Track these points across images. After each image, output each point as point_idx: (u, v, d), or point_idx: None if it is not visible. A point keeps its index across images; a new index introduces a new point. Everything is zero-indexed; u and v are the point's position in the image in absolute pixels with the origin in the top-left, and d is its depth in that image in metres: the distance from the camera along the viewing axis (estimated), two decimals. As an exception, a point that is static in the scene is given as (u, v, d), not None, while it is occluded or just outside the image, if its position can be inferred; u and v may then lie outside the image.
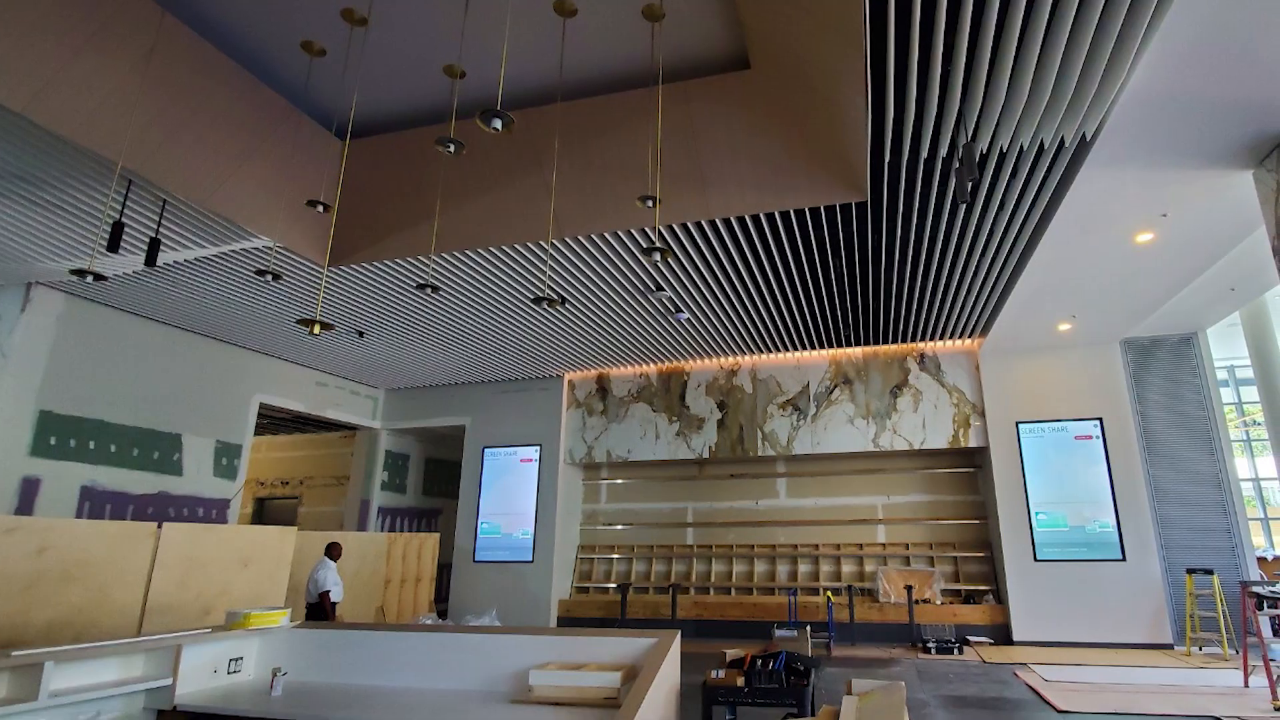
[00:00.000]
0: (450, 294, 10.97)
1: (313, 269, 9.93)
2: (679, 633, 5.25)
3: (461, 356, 14.49)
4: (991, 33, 5.43)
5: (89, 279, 6.74)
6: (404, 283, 10.52)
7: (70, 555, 7.63)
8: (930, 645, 11.89)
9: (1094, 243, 8.99)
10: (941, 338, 13.58)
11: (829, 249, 9.46)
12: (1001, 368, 13.61)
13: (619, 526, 16.29)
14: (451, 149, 5.43)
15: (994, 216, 8.49)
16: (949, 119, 6.62)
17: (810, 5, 6.12)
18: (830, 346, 14.13)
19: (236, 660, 5.58)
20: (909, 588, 12.99)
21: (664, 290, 10.75)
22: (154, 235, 8.32)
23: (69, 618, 7.52)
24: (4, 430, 9.96)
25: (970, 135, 6.75)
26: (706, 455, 14.90)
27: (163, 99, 7.41)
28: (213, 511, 12.79)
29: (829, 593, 13.25)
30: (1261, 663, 8.56)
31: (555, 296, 10.84)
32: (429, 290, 7.94)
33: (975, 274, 10.26)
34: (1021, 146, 6.97)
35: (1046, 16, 5.25)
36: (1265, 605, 8.80)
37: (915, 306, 11.73)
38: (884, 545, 14.49)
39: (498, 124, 5.11)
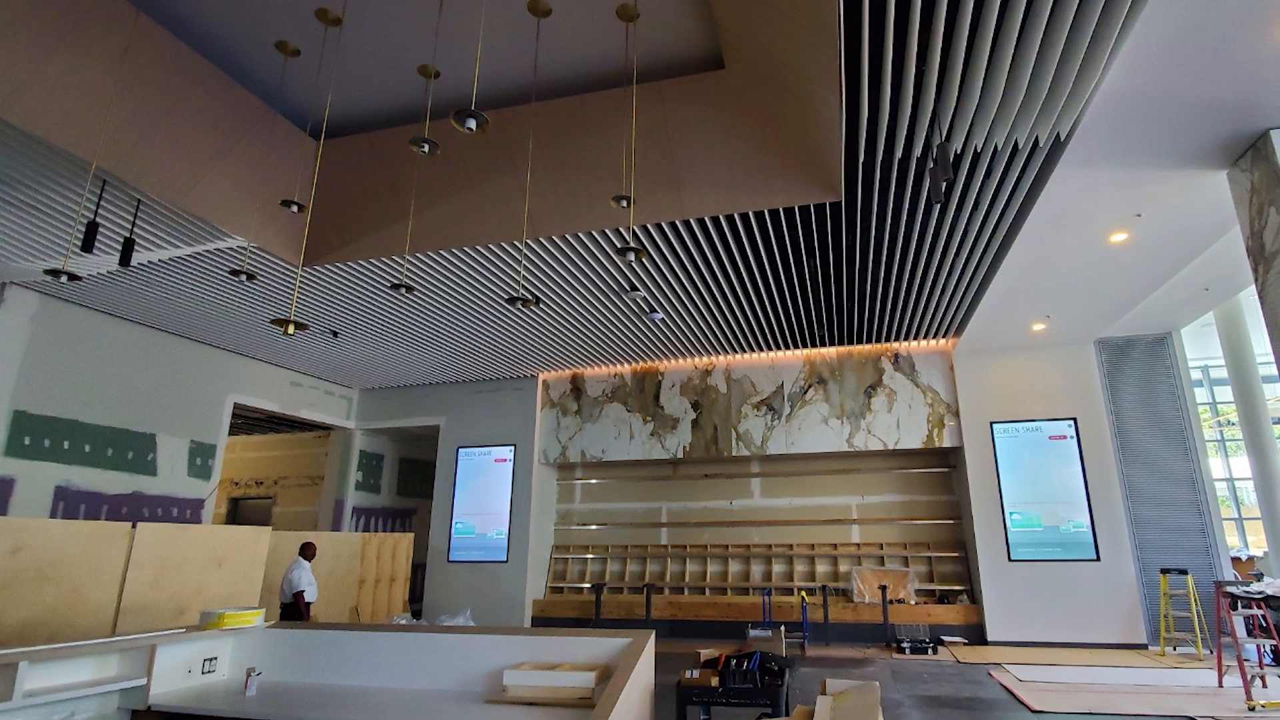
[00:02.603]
0: (424, 294, 10.94)
1: (287, 269, 9.88)
2: (653, 633, 5.27)
3: (436, 357, 14.46)
4: (966, 32, 5.47)
5: (63, 279, 6.70)
6: (378, 283, 10.49)
7: (44, 555, 7.59)
8: (905, 645, 11.96)
9: (1068, 243, 9.08)
10: (916, 338, 13.67)
11: (804, 249, 9.51)
12: (976, 368, 13.71)
13: (593, 526, 16.28)
14: (426, 149, 5.42)
15: (968, 216, 8.55)
16: (923, 119, 6.67)
17: (784, 5, 6.16)
18: (805, 346, 14.20)
19: (211, 660, 5.56)
20: (883, 588, 13.06)
21: (638, 290, 10.77)
22: (128, 235, 8.25)
23: (43, 618, 7.48)
24: (-24, 430, 9.87)
25: (944, 135, 6.80)
26: (681, 455, 14.93)
27: (137, 99, 7.36)
28: (187, 511, 12.70)
29: (803, 593, 13.30)
30: (1235, 662, 8.63)
31: (530, 296, 10.89)
32: (403, 290, 7.92)
33: (949, 274, 10.33)
34: (996, 146, 7.01)
35: (1021, 16, 5.28)
36: (1239, 605, 8.91)
37: (890, 306, 11.80)
38: (858, 545, 14.55)
39: (472, 124, 5.10)
